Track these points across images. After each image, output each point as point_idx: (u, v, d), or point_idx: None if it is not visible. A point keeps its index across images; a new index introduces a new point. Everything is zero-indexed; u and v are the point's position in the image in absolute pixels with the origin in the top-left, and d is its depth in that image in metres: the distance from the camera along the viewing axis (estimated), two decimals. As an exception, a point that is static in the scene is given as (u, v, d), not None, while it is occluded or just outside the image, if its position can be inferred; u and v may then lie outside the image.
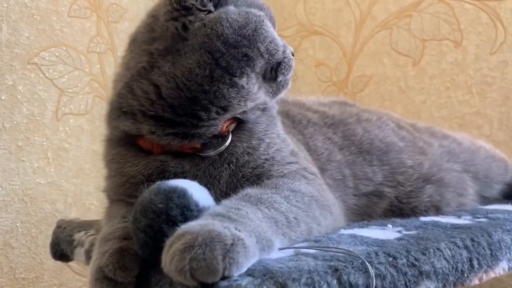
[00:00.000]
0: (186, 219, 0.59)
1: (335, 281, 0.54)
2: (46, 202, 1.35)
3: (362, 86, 1.81)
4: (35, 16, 1.34)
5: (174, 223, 0.59)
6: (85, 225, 0.99)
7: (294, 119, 0.94)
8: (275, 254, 0.62)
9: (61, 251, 1.01)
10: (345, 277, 0.54)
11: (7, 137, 1.27)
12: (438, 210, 0.95)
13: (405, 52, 1.69)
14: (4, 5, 1.27)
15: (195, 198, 0.62)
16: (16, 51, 1.30)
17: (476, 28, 1.54)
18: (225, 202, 0.63)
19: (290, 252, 0.64)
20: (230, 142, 0.75)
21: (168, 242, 0.54)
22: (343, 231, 0.79)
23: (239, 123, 0.78)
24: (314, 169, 0.83)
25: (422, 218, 0.90)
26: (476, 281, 0.70)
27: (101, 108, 0.76)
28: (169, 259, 0.51)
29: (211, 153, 0.74)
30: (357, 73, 1.82)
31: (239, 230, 0.54)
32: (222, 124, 0.74)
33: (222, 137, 0.75)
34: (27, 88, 1.32)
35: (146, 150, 0.76)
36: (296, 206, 0.68)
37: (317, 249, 0.62)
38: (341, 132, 0.96)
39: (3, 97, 1.27)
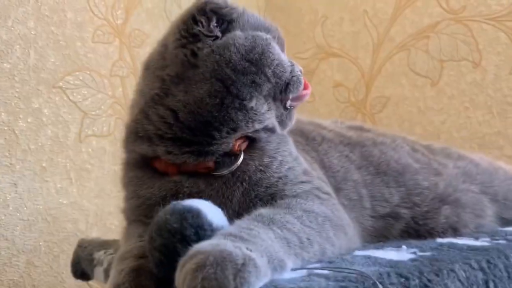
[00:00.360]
0: (199, 239, 0.60)
1: (346, 302, 0.54)
2: (69, 221, 1.38)
3: (380, 107, 1.81)
4: (60, 42, 1.39)
5: (188, 243, 0.60)
6: (105, 245, 1.01)
7: (307, 137, 0.95)
8: (287, 275, 0.62)
9: (82, 270, 1.03)
10: (355, 298, 0.55)
11: (32, 158, 1.32)
12: (455, 232, 0.94)
13: (423, 73, 1.70)
14: (32, 32, 1.33)
15: (209, 218, 0.63)
16: (42, 76, 1.35)
17: (495, 48, 1.54)
18: (238, 222, 0.64)
19: (303, 272, 0.64)
20: (242, 160, 0.76)
21: (181, 261, 0.55)
22: (357, 252, 0.79)
23: (251, 142, 0.79)
24: (328, 189, 0.84)
25: (439, 240, 0.89)
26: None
27: (123, 130, 0.79)
28: (182, 278, 0.52)
29: (224, 171, 0.75)
30: (376, 94, 1.83)
31: (250, 250, 0.54)
32: (233, 142, 0.76)
33: (235, 156, 0.76)
34: (52, 111, 1.37)
35: (162, 171, 0.78)
36: (310, 227, 0.69)
37: (329, 270, 0.62)
38: (358, 153, 0.96)
39: (29, 120, 1.32)
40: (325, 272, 0.64)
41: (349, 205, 0.87)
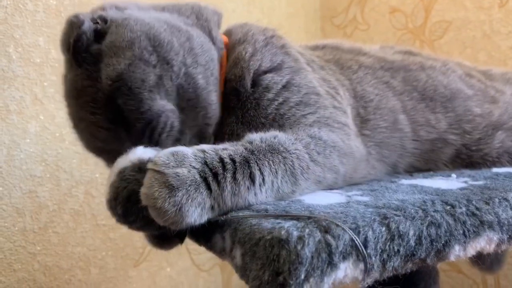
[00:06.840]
0: None
1: (383, 228, 0.51)
2: (122, 155, 1.42)
3: (441, 33, 1.68)
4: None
5: None
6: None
7: (343, 66, 0.89)
8: (325, 200, 0.61)
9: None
10: (394, 225, 0.52)
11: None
12: (512, 158, 0.88)
13: (490, -8, 1.54)
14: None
15: None
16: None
17: None
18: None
19: (342, 199, 0.62)
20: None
21: None
22: (404, 181, 0.75)
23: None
24: (344, 119, 0.78)
25: (495, 169, 0.84)
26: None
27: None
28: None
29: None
30: (436, 18, 1.69)
31: None
32: None
33: None
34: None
35: None
36: (315, 161, 0.66)
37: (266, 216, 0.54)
38: (401, 78, 0.90)
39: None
40: (365, 198, 0.62)
41: (372, 134, 0.82)
